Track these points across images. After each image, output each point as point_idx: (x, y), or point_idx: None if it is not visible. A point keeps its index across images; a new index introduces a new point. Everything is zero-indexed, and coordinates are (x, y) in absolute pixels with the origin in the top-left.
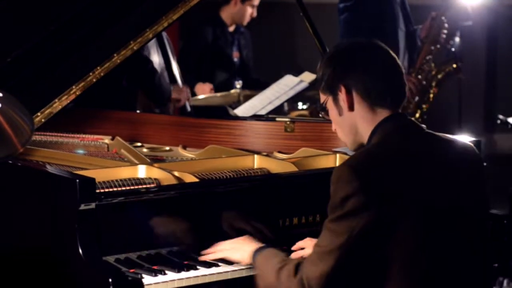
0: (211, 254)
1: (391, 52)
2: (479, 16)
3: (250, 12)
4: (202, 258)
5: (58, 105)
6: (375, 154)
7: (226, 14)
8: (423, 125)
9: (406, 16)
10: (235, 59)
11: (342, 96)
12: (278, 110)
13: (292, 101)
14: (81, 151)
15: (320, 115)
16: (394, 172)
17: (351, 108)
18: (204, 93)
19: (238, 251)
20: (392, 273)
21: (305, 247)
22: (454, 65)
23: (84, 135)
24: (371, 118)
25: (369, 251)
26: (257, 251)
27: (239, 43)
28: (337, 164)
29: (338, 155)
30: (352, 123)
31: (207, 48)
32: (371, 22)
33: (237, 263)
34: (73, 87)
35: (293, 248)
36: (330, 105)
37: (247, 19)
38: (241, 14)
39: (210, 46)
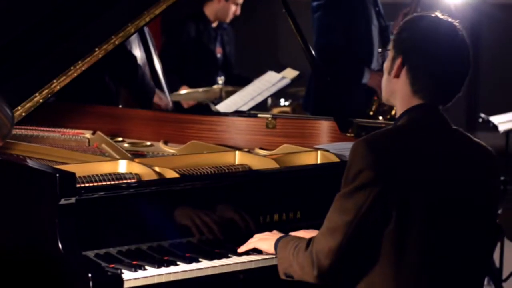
0: (244, 246)
1: (467, 52)
2: (462, 14)
3: (233, 9)
4: (239, 249)
5: (39, 99)
6: (394, 136)
7: (210, 10)
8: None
9: (378, 13)
10: (218, 55)
11: (397, 62)
12: (261, 107)
13: (275, 98)
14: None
15: (380, 56)
16: (408, 157)
17: (397, 75)
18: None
19: (266, 241)
20: (386, 253)
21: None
22: None
23: (65, 130)
24: (408, 100)
25: (376, 228)
26: (278, 240)
27: (222, 39)
28: (318, 162)
29: (319, 152)
30: (392, 88)
31: (190, 44)
32: (344, 19)
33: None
34: (54, 81)
35: None
36: (390, 57)
37: (230, 17)
38: (224, 11)
39: (193, 42)
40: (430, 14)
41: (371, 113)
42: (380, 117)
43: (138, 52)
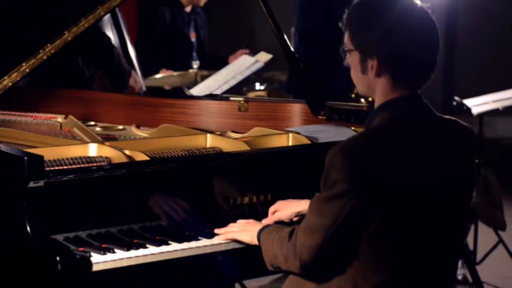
0: (222, 234)
1: (436, 25)
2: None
3: None
4: (216, 238)
5: (7, 82)
6: (372, 140)
7: None
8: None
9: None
10: (192, 39)
11: (372, 63)
12: (236, 91)
13: (250, 82)
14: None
15: (345, 62)
16: (387, 162)
17: (378, 75)
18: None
19: (247, 233)
20: (365, 254)
21: (278, 209)
22: None
23: (37, 114)
24: (388, 92)
25: (355, 231)
26: (260, 231)
27: (195, 23)
28: (290, 144)
29: (291, 134)
30: (373, 85)
31: (165, 29)
32: (325, 2)
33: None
34: (23, 64)
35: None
36: (355, 60)
37: (203, 0)
38: None
39: (168, 26)
40: None
41: (353, 95)
42: (362, 100)
43: (111, 36)
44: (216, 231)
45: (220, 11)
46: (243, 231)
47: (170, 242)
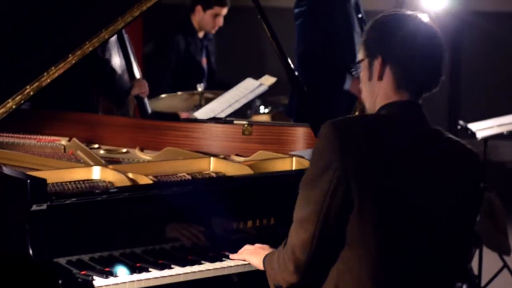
0: (236, 254)
1: (440, 41)
2: (443, 22)
3: (213, 20)
4: (232, 256)
5: (12, 104)
6: (366, 122)
7: (195, 20)
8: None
9: (361, 20)
10: (204, 65)
11: (377, 64)
12: (240, 114)
13: (255, 105)
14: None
15: (353, 72)
16: (374, 144)
17: (380, 78)
18: None
19: (257, 256)
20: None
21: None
22: None
23: (41, 136)
24: (390, 96)
25: (342, 215)
26: (266, 255)
27: (207, 49)
28: (293, 168)
29: (294, 158)
30: (375, 91)
31: (180, 56)
32: (326, 26)
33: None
34: (27, 87)
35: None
36: (365, 66)
37: (211, 27)
38: (205, 22)
39: (183, 54)
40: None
41: None
42: None
43: (117, 59)
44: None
45: (229, 37)
46: (255, 253)
47: (172, 266)
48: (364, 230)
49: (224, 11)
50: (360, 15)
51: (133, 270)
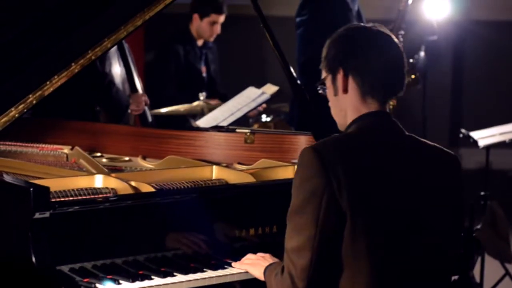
0: (237, 263)
1: (397, 44)
2: (445, 31)
3: (210, 28)
4: (234, 264)
5: (14, 113)
6: (343, 142)
7: (193, 29)
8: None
9: None
10: (203, 74)
11: (339, 78)
12: (242, 122)
13: (257, 113)
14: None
15: (319, 91)
16: (356, 161)
17: (345, 91)
18: None
19: (257, 267)
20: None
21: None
22: (413, 76)
23: (43, 145)
24: (359, 108)
25: (337, 235)
26: (266, 268)
27: (206, 57)
28: None
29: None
30: (343, 106)
31: (179, 65)
32: (327, 35)
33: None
34: (30, 95)
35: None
36: (329, 83)
37: (208, 34)
38: (202, 30)
39: (182, 62)
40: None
41: None
42: None
43: (118, 68)
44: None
45: (230, 45)
46: (256, 264)
47: (175, 273)
48: (357, 246)
49: (221, 18)
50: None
51: (135, 277)
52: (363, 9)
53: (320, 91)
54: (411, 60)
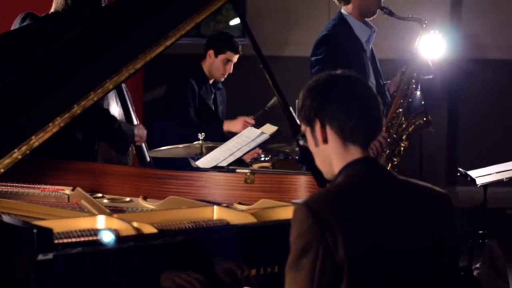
0: None
1: (369, 86)
2: (440, 70)
3: (223, 66)
4: None
5: (17, 155)
6: (334, 194)
7: (205, 66)
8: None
9: (376, 70)
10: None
11: (317, 128)
12: (241, 162)
13: (250, 158)
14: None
15: (301, 143)
16: (349, 212)
17: (325, 141)
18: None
19: None
20: None
21: None
22: (425, 118)
23: (45, 186)
24: (343, 155)
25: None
26: None
27: (215, 97)
28: None
29: None
30: (326, 155)
31: (194, 96)
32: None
33: None
34: (33, 137)
35: None
36: (308, 135)
37: (220, 73)
38: (215, 67)
39: (196, 95)
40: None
41: None
42: None
43: (115, 108)
44: None
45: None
46: None
47: None
48: None
49: (235, 58)
50: (375, 66)
51: None
52: (377, 49)
53: (302, 142)
54: (422, 102)
